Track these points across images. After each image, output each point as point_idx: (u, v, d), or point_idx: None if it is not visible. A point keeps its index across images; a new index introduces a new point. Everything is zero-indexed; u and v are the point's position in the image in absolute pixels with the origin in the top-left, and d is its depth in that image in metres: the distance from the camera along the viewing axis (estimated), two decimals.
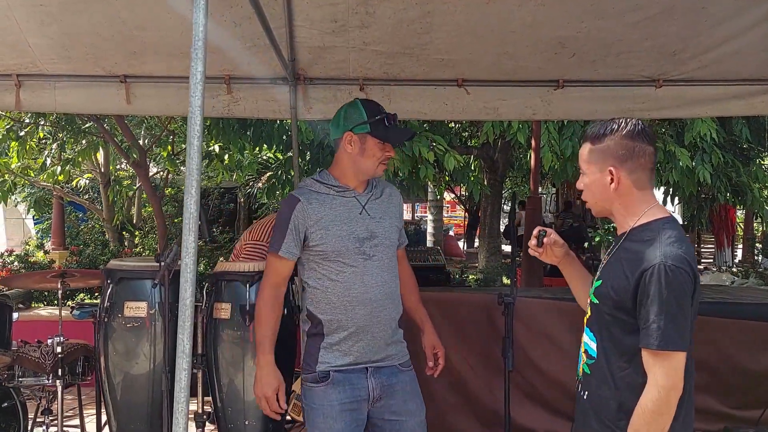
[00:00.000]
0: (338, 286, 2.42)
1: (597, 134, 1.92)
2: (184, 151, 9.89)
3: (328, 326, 2.44)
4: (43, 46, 3.54)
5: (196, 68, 1.78)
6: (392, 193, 2.63)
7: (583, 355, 1.98)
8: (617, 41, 3.49)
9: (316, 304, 2.45)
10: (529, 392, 3.80)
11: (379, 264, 2.46)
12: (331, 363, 2.43)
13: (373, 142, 2.46)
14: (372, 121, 2.46)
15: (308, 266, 2.48)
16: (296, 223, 2.42)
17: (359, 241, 2.43)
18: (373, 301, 2.43)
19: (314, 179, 2.52)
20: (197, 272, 5.30)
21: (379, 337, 2.47)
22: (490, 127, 7.02)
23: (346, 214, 2.45)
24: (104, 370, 2.92)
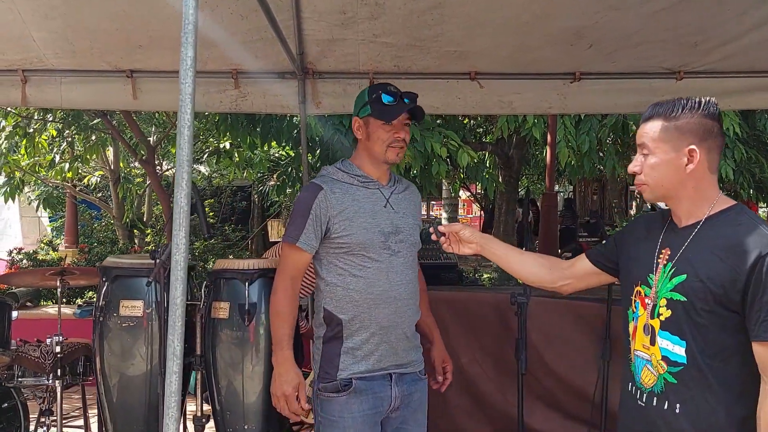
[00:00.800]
0: (361, 282, 2.30)
1: (671, 110, 1.76)
2: (193, 148, 9.94)
3: (348, 327, 2.31)
4: (48, 40, 3.54)
5: (186, 53, 1.74)
6: (413, 191, 2.55)
7: (657, 363, 1.76)
8: (636, 32, 3.43)
9: (336, 303, 2.32)
10: (544, 396, 3.74)
11: (404, 261, 2.36)
12: (353, 369, 2.30)
13: (376, 123, 2.36)
14: (372, 101, 2.36)
15: (327, 261, 2.35)
16: (318, 212, 2.29)
17: (384, 235, 2.32)
18: (397, 300, 2.33)
19: (337, 167, 2.42)
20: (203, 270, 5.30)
21: (402, 338, 2.36)
22: (504, 122, 6.96)
23: (370, 206, 2.34)
24: (100, 370, 2.88)
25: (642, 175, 1.81)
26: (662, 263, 1.79)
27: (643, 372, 1.81)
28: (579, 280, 2.08)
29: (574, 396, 3.68)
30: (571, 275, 2.08)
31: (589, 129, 6.93)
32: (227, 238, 11.14)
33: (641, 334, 1.82)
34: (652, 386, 1.78)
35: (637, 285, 1.85)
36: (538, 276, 2.11)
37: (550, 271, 2.10)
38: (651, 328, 1.79)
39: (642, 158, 1.80)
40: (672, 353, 1.74)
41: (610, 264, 2.00)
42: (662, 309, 1.76)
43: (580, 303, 3.71)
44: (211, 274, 3.00)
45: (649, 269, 1.82)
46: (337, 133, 6.33)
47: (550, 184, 7.33)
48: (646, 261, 1.83)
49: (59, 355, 3.20)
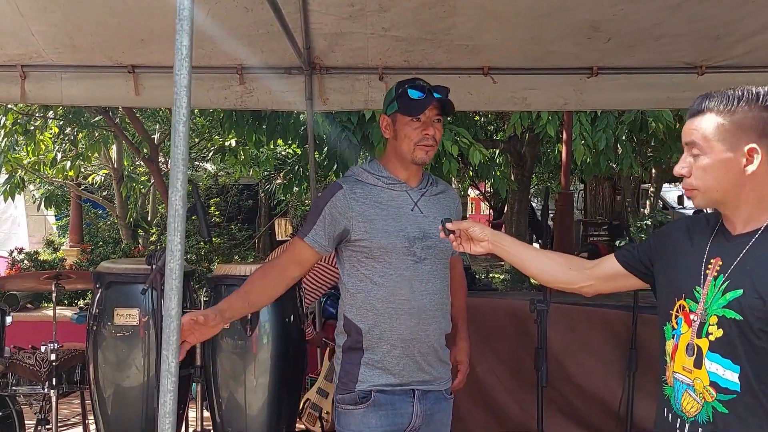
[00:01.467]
0: (382, 291, 2.19)
1: (725, 103, 1.55)
2: (197, 146, 9.92)
3: (368, 338, 2.21)
4: (47, 34, 3.51)
5: (180, 42, 1.66)
6: (450, 195, 2.40)
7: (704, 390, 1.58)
8: (656, 24, 3.37)
9: (356, 311, 2.22)
10: (564, 409, 3.63)
11: (430, 269, 2.23)
12: (373, 381, 2.19)
13: (403, 120, 2.22)
14: (398, 96, 2.23)
15: (349, 265, 2.25)
16: (331, 211, 2.20)
17: (409, 240, 2.19)
18: (421, 311, 2.20)
19: (363, 168, 2.31)
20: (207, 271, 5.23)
21: (427, 353, 2.24)
22: (517, 119, 6.87)
23: (395, 209, 2.23)
24: (94, 381, 2.81)
25: (692, 178, 1.60)
26: (712, 275, 1.59)
27: (684, 398, 1.63)
28: (603, 283, 1.90)
29: (597, 409, 3.57)
30: (594, 276, 1.90)
31: (606, 126, 6.83)
32: (233, 237, 11.11)
33: (683, 355, 1.63)
34: (696, 415, 1.59)
35: (680, 298, 1.65)
36: (556, 276, 1.94)
37: (571, 271, 1.92)
38: (697, 349, 1.60)
39: (691, 159, 1.60)
40: (723, 379, 1.55)
41: (643, 268, 1.81)
42: (712, 328, 1.56)
43: (604, 310, 3.59)
44: (211, 280, 2.91)
45: (695, 281, 1.62)
46: (345, 131, 6.27)
47: (566, 182, 7.23)
48: (692, 271, 1.64)
49: (54, 363, 3.13)
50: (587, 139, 6.91)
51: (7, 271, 7.53)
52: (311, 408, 3.50)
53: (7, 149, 7.43)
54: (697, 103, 1.61)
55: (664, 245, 1.76)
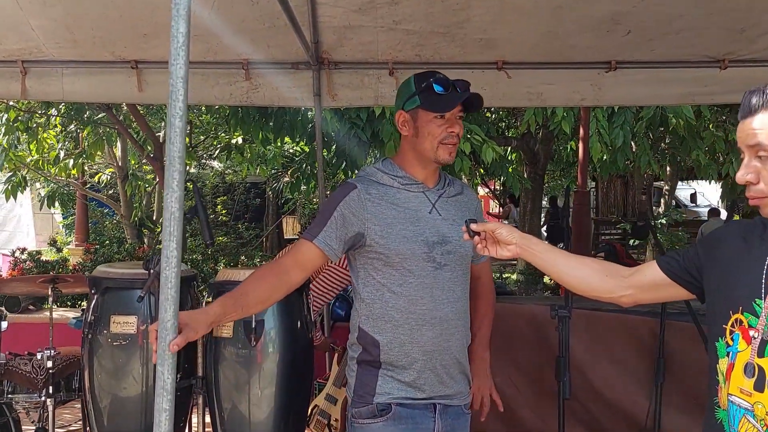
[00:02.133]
0: (401, 300, 2.08)
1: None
2: (202, 144, 9.91)
3: (386, 351, 2.10)
4: (48, 29, 3.48)
5: (177, 28, 1.58)
6: (469, 196, 2.29)
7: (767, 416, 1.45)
8: (678, 17, 3.32)
9: (374, 322, 2.11)
10: (587, 421, 3.53)
11: (451, 275, 2.13)
12: (393, 394, 2.09)
13: (426, 116, 2.10)
14: (421, 90, 2.10)
15: (364, 273, 2.13)
16: (344, 212, 2.08)
17: (428, 245, 2.09)
18: (443, 321, 2.10)
19: (377, 168, 2.20)
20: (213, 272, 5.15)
21: (449, 366, 2.14)
22: (531, 116, 6.79)
23: (412, 212, 2.12)
24: (89, 391, 2.71)
25: (761, 184, 1.46)
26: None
27: (742, 424, 1.48)
28: (644, 292, 1.76)
29: (622, 423, 3.47)
30: (633, 285, 1.75)
31: (623, 122, 6.73)
32: (240, 236, 11.09)
33: (740, 375, 1.48)
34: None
35: (736, 312, 1.51)
36: (592, 285, 1.80)
37: (608, 279, 1.78)
38: (758, 370, 1.46)
39: (757, 163, 1.46)
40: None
41: (689, 277, 1.67)
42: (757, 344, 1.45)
43: (629, 317, 3.47)
44: (213, 286, 2.83)
45: (754, 293, 1.48)
46: (354, 128, 6.22)
47: (583, 181, 7.12)
48: (750, 282, 1.50)
49: (51, 370, 3.07)
50: (604, 135, 6.82)
51: (9, 271, 7.53)
52: (320, 415, 3.44)
53: (8, 147, 7.42)
54: (756, 99, 1.47)
55: (715, 253, 1.63)
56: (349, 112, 6.14)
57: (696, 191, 21.23)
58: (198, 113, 8.62)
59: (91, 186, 11.45)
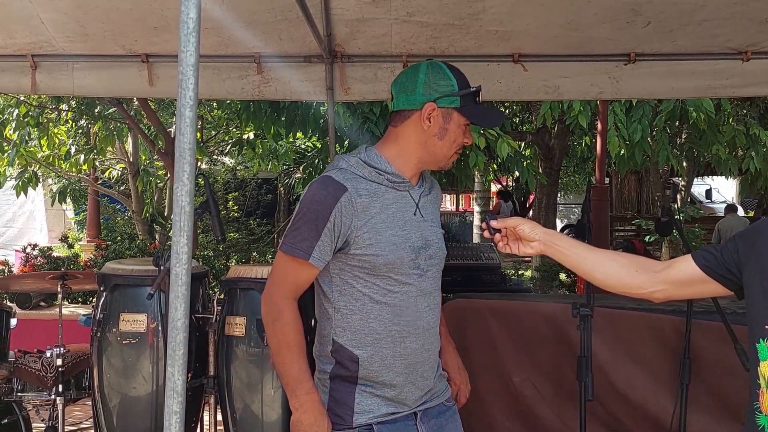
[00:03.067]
0: (385, 311, 1.93)
1: None
2: (214, 138, 9.91)
3: (366, 366, 1.95)
4: (57, 22, 3.46)
5: (187, 14, 1.54)
6: (437, 190, 2.17)
7: None
8: (700, 7, 3.25)
9: (351, 335, 1.94)
10: (610, 423, 3.45)
11: (431, 281, 2.02)
12: (373, 412, 1.95)
13: (459, 121, 1.96)
14: (464, 94, 1.96)
15: (341, 280, 1.95)
16: (337, 222, 1.88)
17: (414, 251, 1.96)
18: (425, 330, 2.00)
19: (362, 160, 1.98)
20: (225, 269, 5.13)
21: (428, 373, 2.05)
22: (547, 110, 6.73)
23: (400, 214, 1.97)
24: (98, 390, 2.68)
25: None
26: None
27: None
28: (677, 288, 1.70)
29: (646, 425, 3.39)
30: (666, 280, 1.69)
31: (642, 116, 6.66)
32: (252, 232, 11.11)
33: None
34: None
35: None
36: (622, 280, 1.72)
37: (638, 274, 1.71)
38: None
39: None
40: None
41: (728, 274, 1.60)
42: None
43: (654, 316, 3.39)
44: (225, 283, 2.79)
45: None
46: (367, 123, 6.19)
47: (600, 176, 7.05)
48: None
49: (61, 368, 3.05)
50: (622, 130, 6.74)
51: (20, 267, 7.57)
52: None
53: (19, 142, 7.45)
54: None
55: (756, 248, 1.57)
56: (362, 107, 6.12)
57: (711, 187, 21.06)
58: (209, 108, 8.62)
59: (102, 182, 11.50)
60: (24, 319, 5.26)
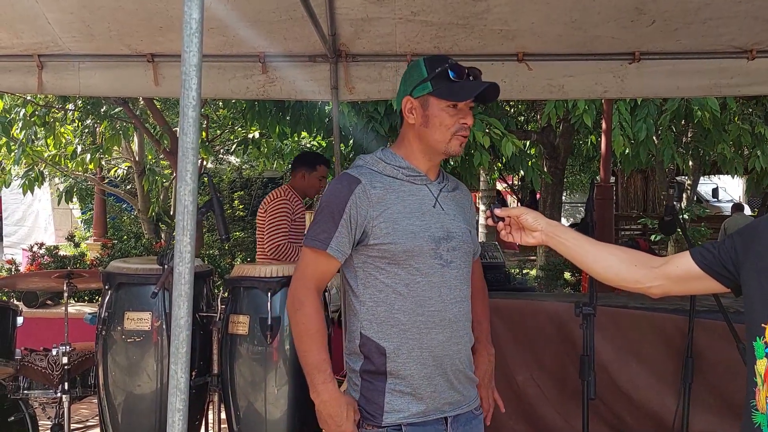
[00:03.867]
0: (408, 302, 1.96)
1: None
2: (219, 138, 9.93)
3: (393, 359, 1.96)
4: (64, 22, 3.48)
5: (190, 14, 1.55)
6: (464, 192, 2.19)
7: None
8: (704, 6, 3.25)
9: (378, 327, 1.97)
10: (613, 423, 3.45)
11: (457, 273, 2.02)
12: (403, 412, 1.96)
13: (438, 105, 1.97)
14: (433, 76, 1.96)
15: (363, 273, 2.00)
16: (353, 213, 1.94)
17: (435, 241, 1.98)
18: (452, 323, 2.00)
19: (378, 157, 2.05)
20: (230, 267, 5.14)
21: (458, 370, 2.04)
22: (552, 109, 6.72)
23: (417, 206, 2.00)
24: (103, 388, 2.71)
25: None
26: None
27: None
28: (675, 284, 1.69)
29: (648, 423, 3.38)
30: (663, 275, 1.69)
31: (647, 115, 6.64)
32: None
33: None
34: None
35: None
36: (620, 274, 1.73)
37: (637, 269, 1.71)
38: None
39: None
40: None
41: (725, 272, 1.60)
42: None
43: (657, 315, 3.38)
44: (229, 281, 2.80)
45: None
46: (371, 122, 6.19)
47: (605, 175, 7.03)
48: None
49: (67, 366, 3.07)
50: (627, 129, 6.73)
51: (27, 266, 7.60)
52: None
53: (26, 141, 7.48)
54: None
55: (754, 246, 1.56)
56: (366, 106, 6.11)
57: (718, 186, 21.00)
58: (215, 108, 8.63)
59: (109, 181, 11.53)
60: (31, 318, 5.28)
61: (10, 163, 8.11)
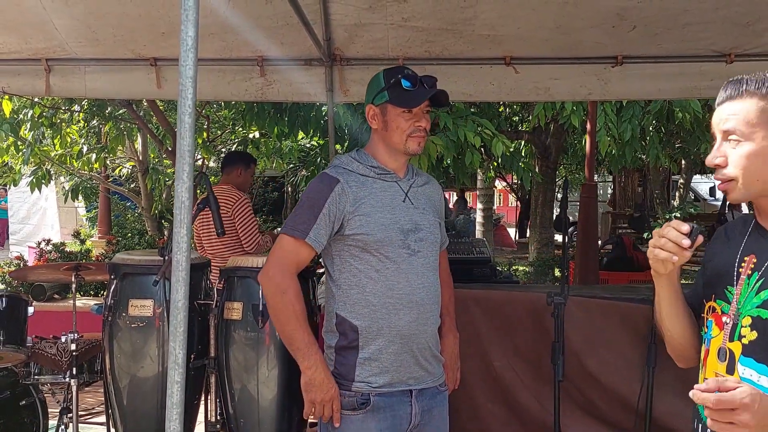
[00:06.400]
0: (379, 285, 2.13)
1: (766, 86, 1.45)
2: (219, 138, 9.99)
3: (365, 335, 2.13)
4: (70, 27, 3.54)
5: (186, 32, 1.66)
6: (434, 186, 2.38)
7: None
8: (683, 12, 3.31)
9: (351, 307, 2.15)
10: (583, 404, 3.56)
11: (424, 261, 2.19)
12: (371, 383, 2.13)
13: (395, 111, 2.17)
14: (389, 86, 2.17)
15: (340, 259, 2.17)
16: (332, 208, 2.12)
17: (403, 232, 2.16)
18: (419, 305, 2.16)
19: (352, 157, 2.25)
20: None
21: (424, 349, 2.20)
22: (541, 110, 6.81)
23: (388, 200, 2.18)
24: (110, 372, 2.84)
25: (729, 168, 1.46)
26: (746, 273, 1.47)
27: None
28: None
29: (616, 405, 3.50)
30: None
31: (632, 116, 6.73)
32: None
33: (714, 360, 1.50)
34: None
35: (708, 300, 1.54)
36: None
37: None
38: (729, 353, 1.47)
39: (727, 148, 1.47)
40: (758, 385, 1.40)
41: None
42: (745, 330, 1.43)
43: (623, 304, 3.51)
44: (224, 272, 2.92)
45: (726, 281, 1.51)
46: (365, 122, 6.25)
47: (590, 174, 7.13)
48: (723, 270, 1.53)
49: (75, 353, 3.19)
50: (612, 129, 6.81)
51: (35, 262, 7.67)
52: None
53: (34, 142, 7.55)
54: (732, 87, 1.49)
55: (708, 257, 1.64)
56: (361, 107, 6.17)
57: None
58: (216, 108, 8.69)
59: (113, 180, 11.58)
60: (39, 311, 5.34)
61: (19, 162, 8.18)
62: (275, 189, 15.39)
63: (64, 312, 5.72)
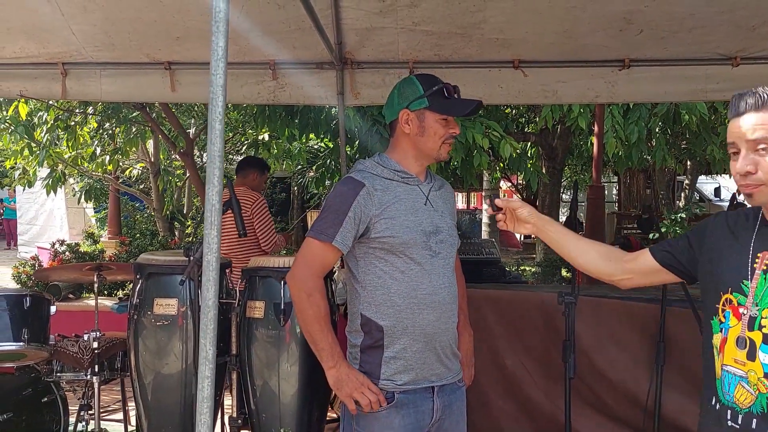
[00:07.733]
0: (403, 286, 2.18)
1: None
2: (231, 141, 10.03)
3: (390, 335, 2.18)
4: (87, 33, 3.59)
5: (217, 43, 1.70)
6: (449, 190, 2.44)
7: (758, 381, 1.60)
8: (689, 15, 3.32)
9: (376, 308, 2.19)
10: (593, 401, 3.60)
11: (444, 263, 2.26)
12: (396, 380, 2.19)
13: (433, 117, 2.23)
14: (429, 93, 2.23)
15: (365, 261, 2.21)
16: (358, 212, 2.16)
17: (425, 234, 2.22)
18: (441, 305, 2.23)
19: (375, 162, 2.29)
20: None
21: (446, 346, 2.26)
22: (548, 112, 6.82)
23: (411, 204, 2.23)
24: (135, 368, 2.90)
25: (760, 173, 1.57)
26: (761, 269, 1.62)
27: (738, 390, 1.63)
28: (641, 277, 1.93)
29: (625, 402, 3.54)
30: (632, 270, 1.93)
31: (638, 118, 6.73)
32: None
33: (733, 347, 1.65)
34: (750, 406, 1.61)
35: (726, 293, 1.67)
36: (595, 266, 1.97)
37: (610, 263, 1.95)
38: (749, 342, 1.62)
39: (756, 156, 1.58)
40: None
41: (679, 266, 1.84)
42: (765, 321, 1.59)
43: (633, 303, 3.55)
44: (246, 271, 2.98)
45: (742, 275, 1.65)
46: (376, 125, 6.29)
47: (597, 175, 7.14)
48: (738, 266, 1.67)
49: (96, 350, 3.25)
50: (619, 131, 6.82)
51: (49, 262, 7.72)
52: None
53: (48, 144, 7.61)
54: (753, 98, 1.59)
55: (706, 241, 1.78)
56: (371, 110, 6.20)
57: (720, 185, 20.94)
58: (227, 111, 8.73)
59: (123, 181, 11.65)
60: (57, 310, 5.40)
61: (34, 164, 8.25)
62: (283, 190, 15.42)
63: (78, 312, 5.76)
